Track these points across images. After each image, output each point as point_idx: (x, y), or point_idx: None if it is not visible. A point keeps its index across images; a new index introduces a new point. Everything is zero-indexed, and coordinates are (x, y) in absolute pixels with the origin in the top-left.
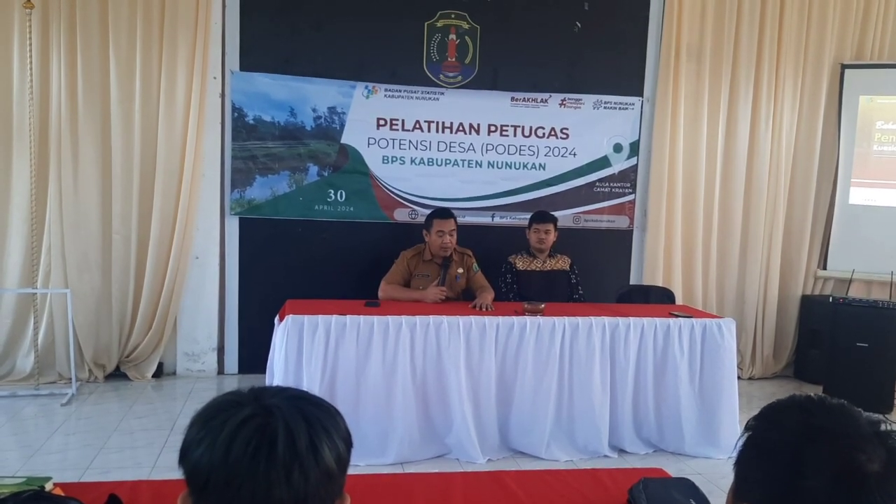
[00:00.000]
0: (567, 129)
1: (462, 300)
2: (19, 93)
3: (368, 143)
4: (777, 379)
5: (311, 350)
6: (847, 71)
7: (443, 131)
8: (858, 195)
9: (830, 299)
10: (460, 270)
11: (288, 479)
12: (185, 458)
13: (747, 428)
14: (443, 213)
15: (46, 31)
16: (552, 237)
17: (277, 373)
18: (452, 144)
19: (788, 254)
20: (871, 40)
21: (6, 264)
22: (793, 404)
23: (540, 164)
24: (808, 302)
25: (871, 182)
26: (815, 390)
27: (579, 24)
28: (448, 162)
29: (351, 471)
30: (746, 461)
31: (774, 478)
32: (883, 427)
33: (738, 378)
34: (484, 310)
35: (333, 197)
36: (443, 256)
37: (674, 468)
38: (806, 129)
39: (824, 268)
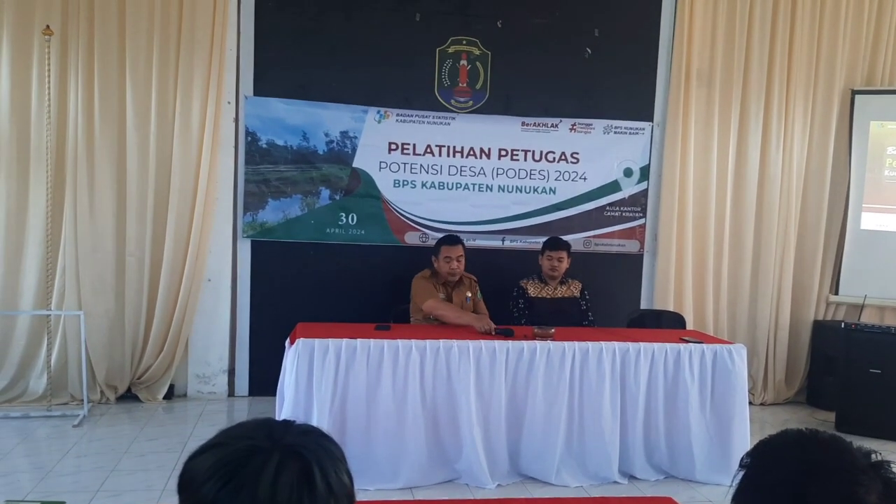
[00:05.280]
0: (577, 153)
1: None
2: (37, 117)
3: (380, 168)
4: (789, 405)
5: (321, 374)
6: (857, 96)
7: (454, 156)
8: (870, 220)
9: (842, 325)
10: (469, 294)
11: None
12: None
13: (742, 465)
14: (450, 240)
15: (65, 57)
16: (565, 265)
17: (287, 396)
18: (463, 169)
19: (800, 279)
20: (882, 66)
21: (21, 286)
22: (788, 441)
23: (550, 189)
24: (820, 327)
25: (883, 207)
26: (828, 416)
27: (589, 50)
28: (459, 186)
29: (361, 496)
30: (747, 501)
31: None
32: (874, 458)
33: (750, 404)
34: (490, 333)
35: (345, 220)
36: (450, 281)
37: (685, 495)
38: (817, 155)
39: (836, 293)
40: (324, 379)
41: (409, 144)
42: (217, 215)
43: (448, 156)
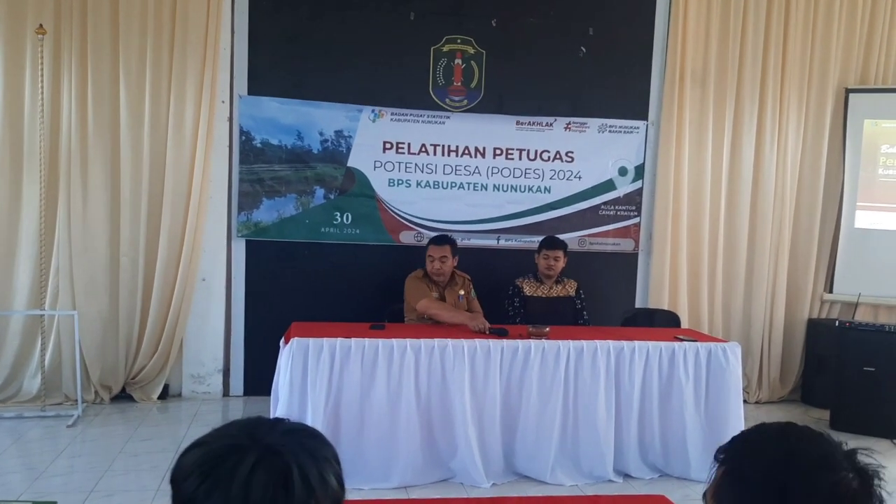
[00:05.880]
0: (572, 152)
1: None
2: (30, 117)
3: (374, 167)
4: (784, 403)
5: (315, 373)
6: (851, 95)
7: (448, 155)
8: (864, 219)
9: (837, 323)
10: (462, 292)
11: None
12: None
13: (718, 460)
14: (436, 240)
15: (58, 57)
16: (561, 264)
17: (282, 396)
18: (458, 168)
19: (794, 277)
20: (875, 65)
21: (15, 286)
22: (766, 434)
23: (545, 188)
24: (814, 326)
25: (877, 206)
26: (822, 415)
27: (584, 49)
28: (454, 185)
29: (355, 495)
30: (728, 495)
31: None
32: (845, 447)
33: (745, 402)
34: (484, 332)
35: (339, 219)
36: (439, 280)
37: (679, 493)
38: (811, 153)
39: (830, 291)
40: (318, 378)
41: (403, 143)
42: (211, 215)
43: (443, 155)
